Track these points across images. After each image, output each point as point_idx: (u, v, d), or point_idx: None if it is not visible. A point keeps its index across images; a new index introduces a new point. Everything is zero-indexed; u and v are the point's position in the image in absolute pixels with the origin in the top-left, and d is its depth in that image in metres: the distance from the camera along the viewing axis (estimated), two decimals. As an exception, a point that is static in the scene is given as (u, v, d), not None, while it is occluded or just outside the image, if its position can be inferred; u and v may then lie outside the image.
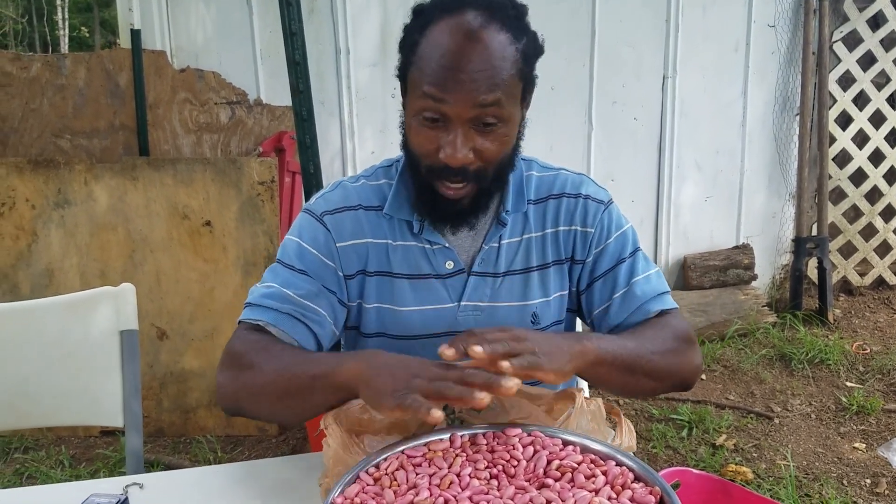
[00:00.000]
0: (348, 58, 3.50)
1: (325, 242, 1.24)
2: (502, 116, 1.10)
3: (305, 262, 1.23)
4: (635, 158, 4.01)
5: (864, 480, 2.68)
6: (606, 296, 1.28)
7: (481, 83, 1.06)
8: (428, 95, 1.08)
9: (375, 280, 1.26)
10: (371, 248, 1.25)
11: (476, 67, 1.06)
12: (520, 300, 1.28)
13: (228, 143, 3.36)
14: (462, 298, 1.27)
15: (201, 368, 3.04)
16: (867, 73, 4.16)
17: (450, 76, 1.06)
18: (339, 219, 1.25)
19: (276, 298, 1.19)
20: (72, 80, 3.21)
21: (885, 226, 4.37)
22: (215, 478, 1.21)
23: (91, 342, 1.55)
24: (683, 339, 1.22)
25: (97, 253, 2.99)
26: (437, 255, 1.26)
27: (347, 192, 1.28)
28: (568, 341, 1.05)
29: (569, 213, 1.29)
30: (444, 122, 1.10)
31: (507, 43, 1.09)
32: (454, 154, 1.09)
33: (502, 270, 1.27)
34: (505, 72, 1.08)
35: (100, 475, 2.74)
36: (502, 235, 1.27)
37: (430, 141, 1.12)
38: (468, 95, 1.06)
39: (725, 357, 3.72)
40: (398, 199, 1.25)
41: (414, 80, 1.11)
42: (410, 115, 1.14)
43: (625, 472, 0.92)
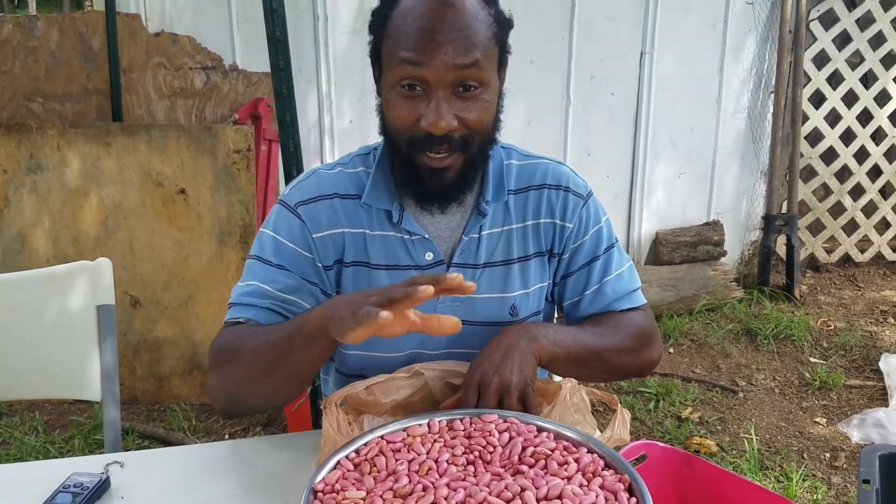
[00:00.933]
0: (326, 24, 3.46)
1: (300, 234, 1.22)
2: (482, 79, 1.09)
3: (283, 256, 1.21)
4: (612, 134, 4.03)
5: (823, 454, 2.78)
6: (579, 290, 1.31)
7: (459, 43, 1.05)
8: (405, 61, 1.06)
9: (352, 270, 1.25)
10: (347, 237, 1.23)
11: (453, 27, 1.05)
12: (500, 292, 1.28)
13: (203, 109, 3.32)
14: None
15: (175, 337, 3.05)
16: (842, 52, 4.20)
17: (427, 38, 1.05)
18: (314, 209, 1.23)
19: (257, 295, 1.19)
20: (44, 42, 3.14)
21: (854, 204, 4.46)
22: (197, 456, 1.23)
23: (68, 316, 1.55)
24: (642, 336, 1.28)
25: (70, 219, 2.96)
26: (416, 246, 1.24)
27: (322, 180, 1.26)
28: (525, 342, 1.13)
29: (550, 206, 1.29)
30: (424, 90, 1.08)
31: (478, 6, 1.09)
32: (437, 121, 1.07)
33: (482, 262, 1.26)
34: (481, 33, 1.07)
35: (74, 442, 2.75)
36: (483, 226, 1.25)
37: (410, 111, 1.09)
38: (447, 57, 1.05)
39: (693, 331, 3.80)
40: (377, 189, 1.23)
41: (389, 50, 1.10)
42: (388, 89, 1.11)
43: (595, 460, 0.96)
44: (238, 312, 1.19)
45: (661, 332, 3.69)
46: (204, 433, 2.89)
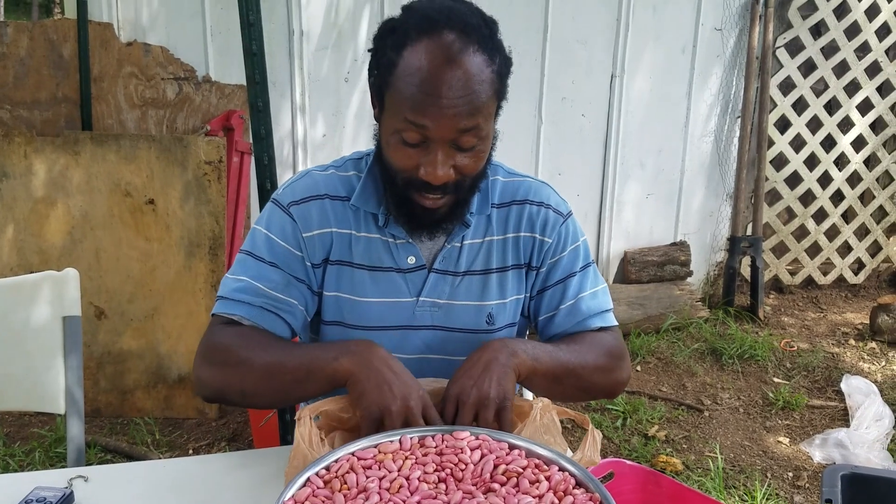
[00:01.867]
0: (301, 39, 3.46)
1: (292, 233, 1.26)
2: (480, 136, 1.13)
3: (275, 253, 1.25)
4: (582, 154, 4.08)
5: (786, 473, 2.82)
6: (554, 305, 1.34)
7: (462, 109, 1.08)
8: (409, 121, 1.09)
9: (336, 269, 1.28)
10: (335, 237, 1.27)
11: (456, 94, 1.07)
12: (477, 300, 1.31)
13: (174, 120, 3.30)
14: (421, 294, 1.29)
15: (140, 349, 3.00)
16: (807, 79, 4.30)
17: (431, 103, 1.07)
18: (306, 208, 1.27)
19: (249, 292, 1.23)
20: (13, 49, 3.10)
21: (817, 228, 4.55)
22: (162, 472, 1.22)
23: (33, 327, 1.52)
24: (614, 356, 1.32)
25: (35, 228, 2.91)
26: (399, 250, 1.28)
27: (315, 181, 1.29)
28: (505, 356, 1.15)
29: (530, 221, 1.33)
30: (424, 143, 1.12)
31: (484, 65, 1.10)
32: (435, 172, 1.12)
33: (462, 270, 1.30)
34: (483, 94, 1.10)
35: (35, 455, 2.69)
36: (465, 236, 1.30)
37: (409, 158, 1.13)
38: (450, 122, 1.08)
39: (660, 350, 3.84)
40: (366, 192, 1.27)
41: (393, 102, 1.12)
42: (388, 133, 1.15)
43: (567, 478, 0.96)
44: (229, 307, 1.23)
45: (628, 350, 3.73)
46: (167, 447, 2.84)
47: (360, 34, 3.55)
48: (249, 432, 2.87)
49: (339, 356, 1.10)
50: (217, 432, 2.96)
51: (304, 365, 1.12)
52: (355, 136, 3.67)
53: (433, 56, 1.07)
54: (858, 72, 4.36)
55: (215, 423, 3.02)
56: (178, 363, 3.01)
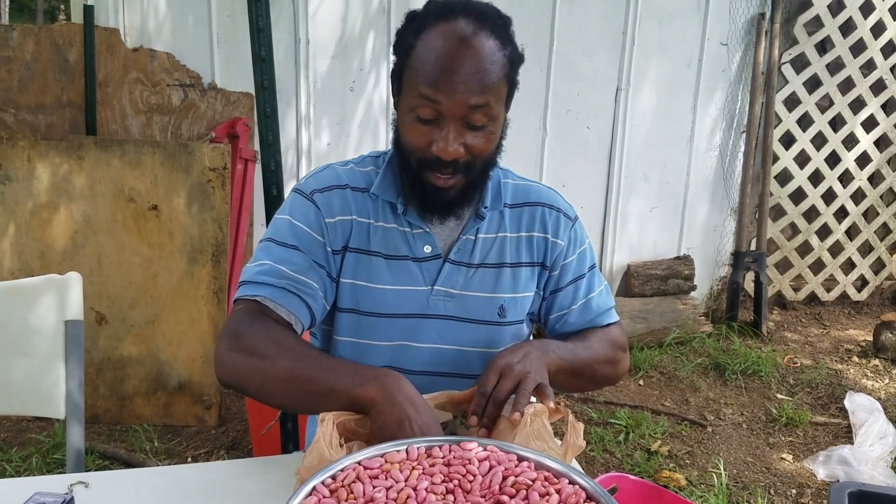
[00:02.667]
0: (308, 48, 3.46)
1: (315, 219, 1.29)
2: (490, 115, 1.19)
3: (297, 237, 1.28)
4: (586, 166, 4.07)
5: (790, 490, 2.79)
6: (566, 304, 1.42)
7: (473, 85, 1.14)
8: (424, 96, 1.16)
9: (354, 256, 1.31)
10: (355, 224, 1.31)
11: (469, 70, 1.14)
12: (490, 292, 1.35)
13: (179, 127, 3.29)
14: (436, 283, 1.32)
15: (140, 356, 2.98)
16: (812, 95, 4.30)
17: (444, 78, 1.14)
18: (329, 196, 1.31)
19: (272, 274, 1.24)
20: (19, 52, 3.10)
21: (821, 244, 4.54)
22: (164, 479, 1.20)
23: (34, 331, 1.51)
24: (621, 348, 1.45)
25: (37, 232, 2.90)
26: (416, 239, 1.32)
27: (337, 172, 1.34)
28: (539, 353, 1.21)
29: (543, 222, 1.39)
30: (438, 120, 1.17)
31: (495, 49, 1.17)
32: (446, 148, 1.17)
33: (476, 262, 1.34)
34: (494, 74, 1.16)
35: (32, 461, 2.66)
36: (479, 229, 1.35)
37: (423, 136, 1.19)
38: (461, 97, 1.14)
39: (663, 364, 3.82)
40: (385, 181, 1.32)
41: (410, 81, 1.19)
42: (405, 112, 1.21)
43: (578, 492, 0.94)
44: (252, 290, 1.24)
45: (631, 364, 3.71)
46: (166, 455, 2.82)
47: (366, 43, 3.55)
48: (249, 441, 2.85)
49: (364, 383, 1.09)
50: (216, 440, 2.93)
51: (327, 382, 1.11)
52: (359, 145, 3.66)
53: (448, 36, 1.15)
54: (864, 89, 4.36)
55: (214, 431, 3.00)
56: (179, 370, 2.99)
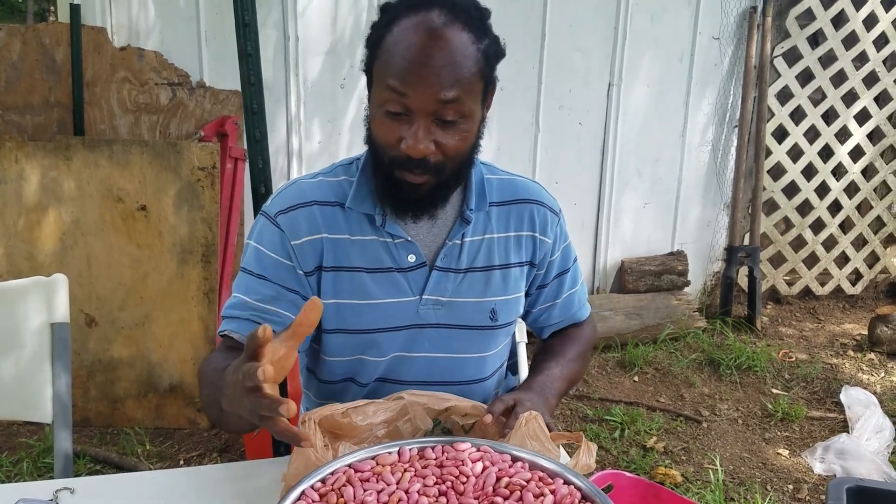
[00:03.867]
0: (297, 45, 3.43)
1: (280, 243, 1.25)
2: (463, 112, 1.13)
3: (263, 266, 1.25)
4: (579, 162, 4.05)
5: (786, 486, 2.78)
6: (549, 299, 1.45)
7: (443, 79, 1.09)
8: (391, 89, 1.10)
9: (332, 275, 1.27)
10: (326, 242, 1.26)
11: (438, 63, 1.09)
12: (480, 296, 1.32)
13: (168, 126, 3.26)
14: (424, 292, 1.29)
15: (131, 357, 2.95)
16: (805, 89, 4.29)
17: (413, 70, 1.09)
18: (293, 217, 1.26)
19: (237, 307, 1.24)
20: (5, 52, 3.06)
21: (814, 238, 4.53)
22: (151, 484, 1.17)
23: (20, 334, 1.48)
24: (593, 341, 1.55)
25: (26, 234, 2.87)
26: (398, 249, 1.27)
27: (302, 189, 1.29)
28: (542, 401, 1.23)
29: (531, 220, 1.36)
30: (407, 115, 1.12)
31: (468, 42, 1.11)
32: (415, 145, 1.11)
33: (464, 267, 1.31)
34: (466, 69, 1.11)
35: (23, 466, 2.63)
36: (465, 233, 1.31)
37: (392, 132, 1.14)
38: (430, 90, 1.09)
39: (657, 360, 3.81)
40: (360, 194, 1.27)
41: (378, 73, 1.14)
42: (374, 107, 1.16)
43: (573, 492, 0.93)
44: (224, 325, 1.24)
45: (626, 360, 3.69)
46: (158, 458, 2.79)
47: (356, 40, 3.52)
48: (242, 443, 2.83)
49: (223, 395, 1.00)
50: (209, 443, 2.91)
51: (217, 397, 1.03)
52: (351, 143, 3.64)
53: (418, 28, 1.10)
54: (856, 81, 4.35)
55: (207, 434, 2.97)
56: (170, 372, 2.97)
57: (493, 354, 1.40)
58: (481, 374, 1.40)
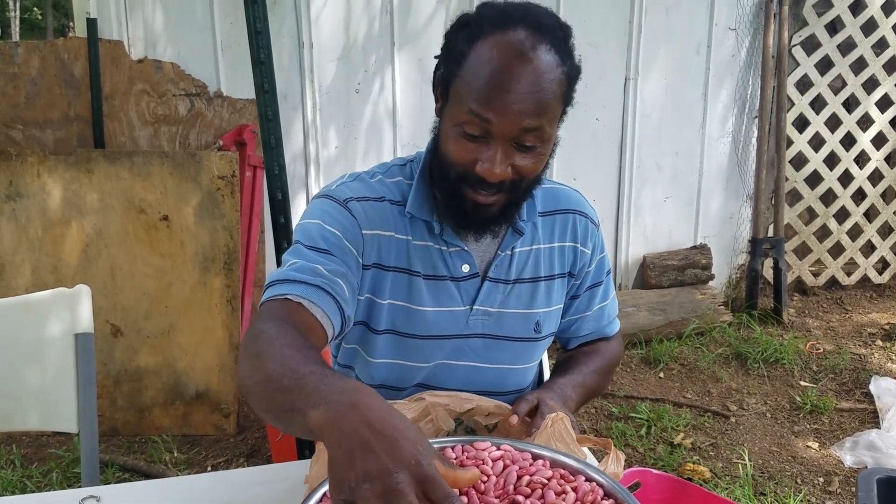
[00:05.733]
0: (312, 52, 3.45)
1: (350, 228, 1.20)
2: (542, 138, 1.11)
3: (329, 243, 1.17)
4: (597, 158, 4.03)
5: (817, 479, 2.74)
6: (581, 310, 1.42)
7: (528, 106, 1.06)
8: (474, 113, 1.07)
9: (392, 276, 1.25)
10: (393, 242, 1.24)
11: (524, 90, 1.05)
12: (526, 308, 1.32)
13: (187, 136, 3.29)
14: (475, 303, 1.29)
15: (157, 366, 2.98)
16: (824, 77, 4.24)
17: (497, 96, 1.05)
18: (366, 207, 1.23)
19: (305, 272, 1.11)
20: (24, 68, 3.11)
21: (839, 227, 4.47)
22: (177, 490, 1.18)
23: (44, 345, 1.50)
24: (618, 359, 1.50)
25: (50, 247, 2.91)
26: (454, 258, 1.26)
27: (369, 184, 1.26)
28: (562, 401, 1.23)
29: (574, 231, 1.35)
30: (485, 138, 1.09)
31: (554, 65, 1.08)
32: (492, 169, 1.09)
33: (513, 278, 1.30)
34: (551, 93, 1.07)
35: (52, 476, 2.67)
36: (516, 245, 1.29)
37: (468, 152, 1.11)
38: (515, 118, 1.06)
39: (683, 355, 3.77)
40: (418, 199, 1.24)
41: (459, 93, 1.10)
42: (450, 125, 1.12)
43: (595, 489, 0.92)
44: (282, 289, 1.08)
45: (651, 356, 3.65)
46: (186, 465, 2.81)
47: (370, 45, 3.54)
48: (268, 448, 2.84)
49: (317, 403, 0.79)
50: (235, 448, 2.93)
51: (291, 393, 0.84)
52: (367, 148, 3.65)
53: (504, 50, 1.05)
54: (876, 68, 4.29)
55: (234, 440, 2.99)
56: (196, 380, 2.99)
57: (533, 366, 1.41)
58: (522, 384, 1.40)
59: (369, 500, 0.67)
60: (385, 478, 0.68)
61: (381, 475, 0.68)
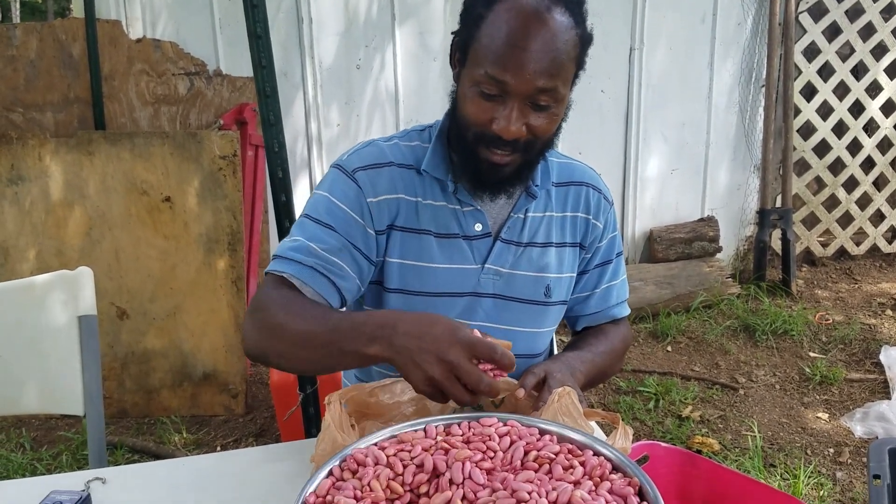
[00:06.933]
0: (311, 27, 3.41)
1: (355, 198, 1.25)
2: (556, 98, 1.14)
3: (334, 216, 1.24)
4: (602, 131, 3.99)
5: (827, 450, 2.73)
6: (589, 287, 1.43)
7: (543, 66, 1.09)
8: (490, 75, 1.11)
9: (401, 235, 1.28)
10: (402, 203, 1.27)
11: (539, 49, 1.08)
12: (537, 271, 1.34)
13: (187, 116, 3.27)
14: (486, 261, 1.30)
15: (164, 348, 2.98)
16: (832, 44, 4.18)
17: (513, 55, 1.09)
18: (372, 175, 1.26)
19: (301, 252, 1.20)
20: (23, 51, 3.08)
21: (848, 197, 4.43)
22: (184, 470, 1.17)
23: (48, 328, 1.49)
24: (627, 344, 1.49)
25: (53, 231, 2.90)
26: (467, 217, 1.29)
27: (381, 149, 1.30)
28: (568, 371, 1.22)
29: (587, 203, 1.38)
30: (502, 97, 1.13)
31: (569, 27, 1.11)
32: (508, 127, 1.12)
33: (525, 241, 1.32)
34: (565, 55, 1.11)
35: (62, 459, 2.68)
36: (529, 208, 1.32)
37: (484, 111, 1.14)
38: (530, 77, 1.09)
39: (691, 329, 3.76)
40: (435, 158, 1.28)
41: (476, 55, 1.13)
42: (467, 85, 1.16)
43: (603, 463, 0.90)
44: (280, 266, 1.20)
45: (658, 330, 3.64)
46: (195, 446, 2.82)
47: (370, 19, 3.49)
48: (276, 427, 2.84)
49: (370, 343, 1.02)
50: (244, 428, 2.93)
51: (335, 342, 1.05)
52: (369, 124, 3.62)
53: (521, 11, 1.09)
54: (885, 34, 4.22)
55: (242, 420, 3.00)
56: (203, 360, 2.99)
57: (544, 332, 1.41)
58: (533, 350, 1.40)
59: (446, 382, 0.96)
60: (446, 361, 0.95)
61: (441, 361, 0.95)
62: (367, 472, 0.88)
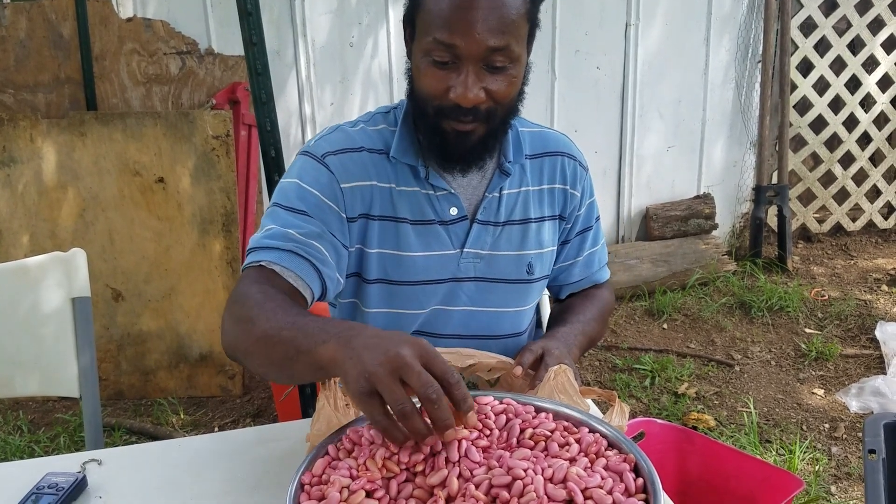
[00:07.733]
0: (303, 5, 3.37)
1: (328, 184, 1.20)
2: (511, 57, 1.10)
3: (306, 202, 1.18)
4: (598, 108, 3.97)
5: (823, 425, 2.75)
6: (571, 256, 1.42)
7: (492, 24, 1.06)
8: (439, 40, 1.08)
9: (379, 224, 1.24)
10: (376, 191, 1.23)
11: (486, 7, 1.05)
12: (517, 250, 1.31)
13: (179, 96, 3.24)
14: (465, 245, 1.28)
15: (159, 329, 2.98)
16: (828, 18, 4.15)
17: (460, 17, 1.06)
18: (343, 160, 1.22)
19: (277, 237, 1.14)
20: (12, 31, 3.04)
21: (844, 173, 4.42)
22: (180, 451, 1.17)
23: (42, 310, 1.49)
24: (612, 307, 1.49)
25: (46, 212, 2.88)
26: (440, 202, 1.26)
27: (349, 134, 1.26)
28: (567, 349, 1.22)
29: (563, 173, 1.35)
30: (455, 63, 1.09)
31: None
32: (465, 94, 1.09)
33: (503, 220, 1.30)
34: (514, 11, 1.08)
35: (59, 441, 2.68)
36: (503, 186, 1.29)
37: (439, 81, 1.11)
38: (480, 37, 1.06)
39: (686, 306, 3.76)
40: (403, 144, 1.24)
41: (423, 23, 1.11)
42: (419, 57, 1.13)
43: (598, 440, 0.90)
44: (257, 256, 1.14)
45: (654, 308, 3.63)
46: (193, 426, 2.83)
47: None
48: (274, 408, 2.85)
49: (325, 340, 0.89)
50: (242, 409, 2.94)
51: (294, 341, 0.93)
52: (363, 102, 3.59)
53: None
54: (882, 7, 4.19)
55: (239, 400, 3.00)
56: (199, 342, 2.99)
57: (528, 309, 1.40)
58: (517, 328, 1.39)
59: (384, 378, 0.78)
60: (392, 355, 0.79)
61: (387, 355, 0.79)
62: (363, 452, 0.87)
